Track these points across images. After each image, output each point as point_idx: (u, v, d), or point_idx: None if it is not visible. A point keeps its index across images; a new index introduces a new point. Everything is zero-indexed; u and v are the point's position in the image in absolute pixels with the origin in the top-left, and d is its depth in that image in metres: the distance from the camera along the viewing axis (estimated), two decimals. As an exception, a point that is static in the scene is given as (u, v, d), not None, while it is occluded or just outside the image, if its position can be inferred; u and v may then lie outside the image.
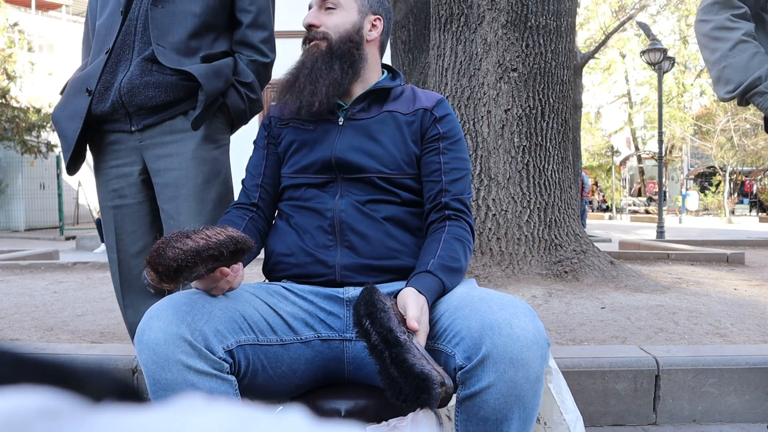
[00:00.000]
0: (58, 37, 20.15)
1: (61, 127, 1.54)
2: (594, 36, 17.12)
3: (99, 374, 0.21)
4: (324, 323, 1.12)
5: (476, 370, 0.92)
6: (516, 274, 3.63)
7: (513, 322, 0.92)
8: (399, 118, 1.25)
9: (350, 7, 1.29)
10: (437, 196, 1.21)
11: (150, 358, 0.92)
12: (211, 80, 1.48)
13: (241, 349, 0.99)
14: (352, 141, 1.23)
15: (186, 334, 0.92)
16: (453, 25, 3.94)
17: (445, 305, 1.04)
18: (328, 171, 1.23)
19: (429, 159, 1.24)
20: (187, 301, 0.98)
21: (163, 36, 1.49)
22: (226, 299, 1.03)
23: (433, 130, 1.25)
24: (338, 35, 1.27)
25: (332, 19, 1.28)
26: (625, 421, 1.97)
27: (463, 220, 1.21)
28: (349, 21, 1.28)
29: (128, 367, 2.01)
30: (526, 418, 0.94)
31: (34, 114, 14.01)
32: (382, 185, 1.21)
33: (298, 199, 1.25)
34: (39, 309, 3.14)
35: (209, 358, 0.93)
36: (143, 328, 0.95)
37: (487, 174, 3.80)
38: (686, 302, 3.13)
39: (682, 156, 24.31)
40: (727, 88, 1.56)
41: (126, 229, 1.59)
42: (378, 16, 1.32)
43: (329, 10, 1.28)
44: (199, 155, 1.52)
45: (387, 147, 1.22)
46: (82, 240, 9.27)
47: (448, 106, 1.30)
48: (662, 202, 10.36)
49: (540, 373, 0.93)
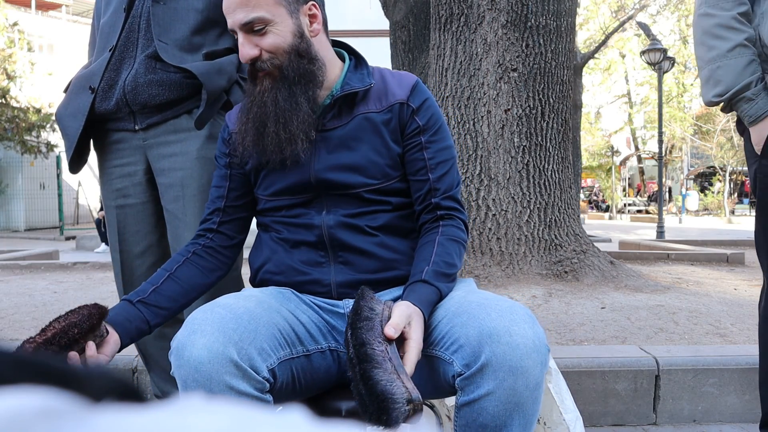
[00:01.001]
0: (58, 37, 20.15)
1: (64, 125, 1.53)
2: (594, 36, 17.12)
3: (99, 374, 0.21)
4: (332, 335, 1.10)
5: (475, 377, 0.90)
6: (516, 274, 3.63)
7: (512, 329, 0.90)
8: (374, 119, 1.13)
9: (279, 14, 1.08)
10: (427, 196, 1.15)
11: (191, 375, 0.88)
12: (213, 78, 1.46)
13: (280, 365, 0.97)
14: (330, 158, 1.12)
15: (234, 355, 0.88)
16: (453, 25, 3.94)
17: (443, 311, 1.02)
18: (310, 190, 1.14)
19: (413, 156, 1.15)
20: (232, 316, 0.93)
21: (165, 32, 1.48)
22: (264, 312, 0.99)
23: (412, 124, 1.14)
24: (285, 55, 1.09)
25: (269, 40, 1.08)
26: (625, 421, 1.97)
27: (457, 218, 1.16)
28: (287, 32, 1.09)
29: (128, 367, 2.01)
30: (526, 424, 0.93)
31: (34, 114, 14.01)
32: (370, 197, 1.13)
33: (281, 215, 1.18)
34: (39, 309, 3.14)
35: (253, 378, 0.90)
36: (184, 344, 0.90)
37: (487, 174, 3.80)
38: (686, 302, 3.13)
39: (682, 156, 24.31)
40: (716, 90, 1.51)
41: (130, 228, 1.58)
42: (313, 2, 1.13)
43: (260, 32, 1.08)
44: (203, 155, 1.51)
45: (369, 156, 1.12)
46: (82, 240, 9.28)
47: (423, 89, 1.17)
48: (662, 202, 10.36)
49: (540, 380, 0.92)
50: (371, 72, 1.17)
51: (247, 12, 1.06)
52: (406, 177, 1.17)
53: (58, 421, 0.17)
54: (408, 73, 1.20)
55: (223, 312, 0.94)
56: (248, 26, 1.07)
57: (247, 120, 1.13)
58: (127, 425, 0.18)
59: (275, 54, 1.09)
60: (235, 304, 0.98)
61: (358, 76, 1.16)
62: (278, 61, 1.09)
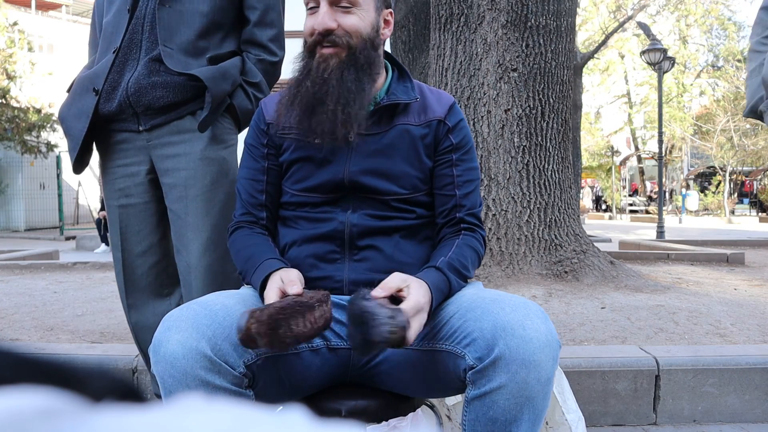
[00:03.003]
0: (58, 37, 20.15)
1: (67, 126, 1.53)
2: (593, 36, 17.12)
3: (99, 374, 0.21)
4: (332, 331, 1.10)
5: (488, 370, 0.91)
6: (516, 274, 3.63)
7: (526, 323, 0.92)
8: (413, 133, 1.15)
9: (367, 3, 1.11)
10: (452, 212, 1.18)
11: (167, 371, 0.90)
12: (217, 83, 1.46)
13: (259, 362, 0.97)
14: (366, 161, 1.13)
15: (206, 349, 0.90)
16: (453, 25, 3.94)
17: (455, 307, 1.03)
18: (340, 190, 1.15)
19: (442, 171, 1.18)
20: (206, 312, 0.94)
21: (171, 37, 1.47)
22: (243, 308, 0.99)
23: (446, 142, 1.18)
24: (360, 40, 1.10)
25: (351, 20, 1.09)
26: (625, 421, 1.97)
27: (478, 233, 1.19)
28: (368, 22, 1.11)
29: (128, 367, 2.01)
30: (535, 419, 0.93)
31: (34, 114, 14.01)
32: (396, 206, 1.15)
33: (305, 211, 1.18)
34: (39, 309, 3.14)
35: (229, 373, 0.91)
36: (160, 340, 0.92)
37: (487, 174, 3.80)
38: (686, 302, 3.13)
39: (682, 156, 24.31)
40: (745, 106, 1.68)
41: (131, 228, 1.59)
42: (391, 10, 1.17)
43: (345, 10, 1.09)
44: (207, 155, 1.51)
45: (402, 166, 1.14)
46: (82, 240, 9.28)
47: (459, 110, 1.21)
48: (662, 202, 10.36)
49: (551, 375, 0.93)
50: (414, 86, 1.20)
51: None
52: (432, 191, 1.20)
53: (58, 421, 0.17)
54: (446, 93, 1.25)
55: (198, 308, 0.96)
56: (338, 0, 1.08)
57: (296, 94, 1.11)
58: (127, 425, 0.18)
59: (352, 35, 1.10)
60: (213, 300, 0.99)
61: (402, 88, 1.19)
62: (353, 41, 1.10)
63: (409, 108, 1.17)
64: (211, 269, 1.50)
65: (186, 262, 1.52)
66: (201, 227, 1.50)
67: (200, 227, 1.50)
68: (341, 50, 1.09)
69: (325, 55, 1.10)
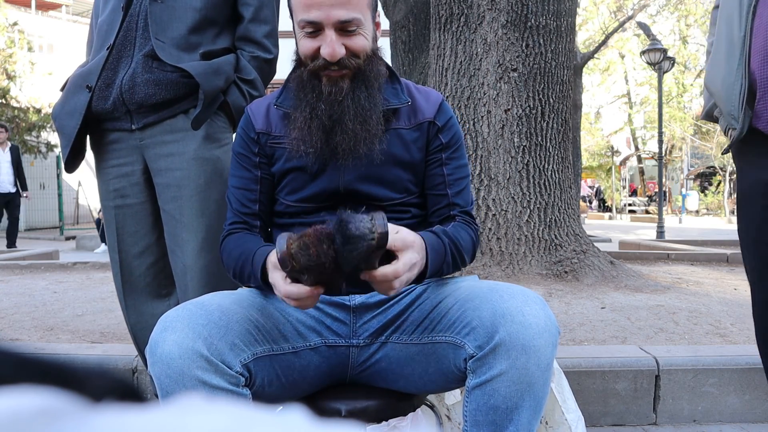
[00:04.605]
0: (58, 37, 20.14)
1: (60, 124, 1.52)
2: (593, 36, 17.12)
3: (99, 374, 0.21)
4: (330, 329, 1.11)
5: (488, 357, 0.92)
6: (516, 274, 3.63)
7: (525, 309, 0.93)
8: (404, 137, 1.15)
9: (366, 17, 1.07)
10: (444, 210, 1.19)
11: (164, 372, 0.90)
12: (210, 78, 1.45)
13: (256, 361, 0.98)
14: (361, 168, 1.12)
15: (202, 349, 0.90)
16: (453, 25, 3.94)
17: (453, 299, 1.04)
18: (336, 198, 1.14)
19: (432, 171, 1.18)
20: (202, 312, 0.95)
21: (163, 31, 1.47)
22: (240, 308, 1.00)
23: (436, 142, 1.18)
24: (366, 57, 1.09)
25: (358, 42, 1.06)
26: (625, 421, 1.97)
27: (471, 226, 1.20)
28: (369, 35, 1.09)
29: (128, 367, 2.01)
30: (536, 406, 0.94)
31: (34, 114, 14.01)
32: (391, 208, 1.16)
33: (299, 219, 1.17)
34: (39, 309, 3.14)
35: (226, 372, 0.92)
36: (156, 341, 0.92)
37: (487, 174, 3.80)
38: (686, 302, 3.13)
39: (682, 156, 24.31)
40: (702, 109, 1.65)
41: (128, 229, 1.58)
42: (378, 11, 1.16)
43: (351, 33, 1.05)
44: (201, 155, 1.50)
45: (396, 172, 1.14)
46: (82, 240, 9.28)
47: (448, 108, 1.21)
48: (662, 202, 10.36)
49: (550, 360, 0.94)
50: (403, 87, 1.18)
51: (347, 10, 1.03)
52: (423, 191, 1.20)
53: (58, 421, 0.17)
54: (434, 90, 1.23)
55: (194, 308, 0.96)
56: (344, 25, 1.04)
57: (310, 119, 1.08)
58: (127, 425, 0.18)
59: (359, 55, 1.07)
60: (209, 300, 0.99)
61: (392, 90, 1.16)
62: (361, 61, 1.08)
63: (399, 111, 1.16)
64: (207, 270, 1.49)
65: (182, 263, 1.50)
66: (196, 228, 1.49)
67: (195, 228, 1.48)
68: (349, 71, 1.08)
69: (334, 78, 1.08)
